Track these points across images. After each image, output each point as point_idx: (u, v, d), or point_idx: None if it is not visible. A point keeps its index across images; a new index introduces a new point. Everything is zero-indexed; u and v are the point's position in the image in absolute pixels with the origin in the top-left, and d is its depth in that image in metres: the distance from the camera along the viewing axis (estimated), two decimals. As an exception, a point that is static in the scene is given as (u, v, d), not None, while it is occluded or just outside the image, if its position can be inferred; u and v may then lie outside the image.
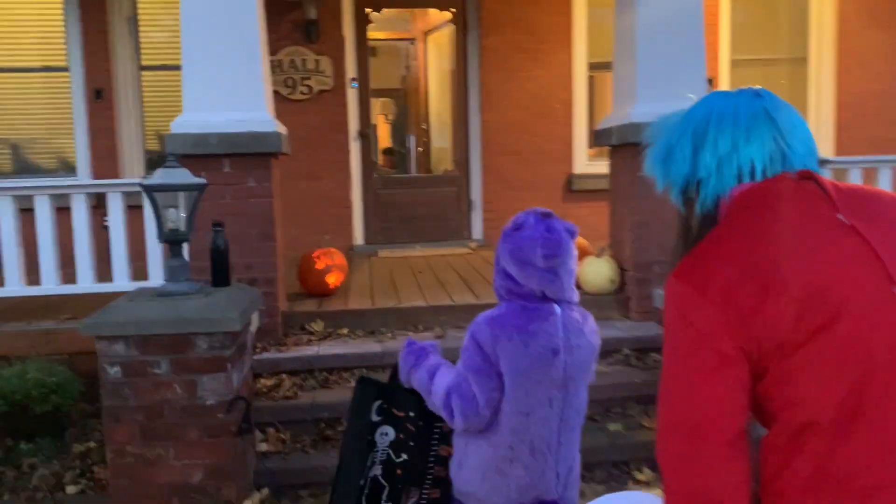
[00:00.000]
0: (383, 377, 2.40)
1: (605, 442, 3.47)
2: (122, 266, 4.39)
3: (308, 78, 6.88)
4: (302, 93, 6.91)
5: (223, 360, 2.89)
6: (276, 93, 6.53)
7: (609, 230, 4.89)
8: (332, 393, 3.75)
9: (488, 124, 7.14)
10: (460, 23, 7.23)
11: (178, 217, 2.97)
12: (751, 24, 7.60)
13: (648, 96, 4.31)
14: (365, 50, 7.22)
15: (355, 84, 7.15)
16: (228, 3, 4.02)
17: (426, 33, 8.54)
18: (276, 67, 6.77)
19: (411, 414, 2.25)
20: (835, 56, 7.47)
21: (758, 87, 1.31)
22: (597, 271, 4.56)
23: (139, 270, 4.55)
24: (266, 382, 3.80)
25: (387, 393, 2.29)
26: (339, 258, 4.93)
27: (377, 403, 2.28)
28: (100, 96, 6.82)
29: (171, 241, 2.99)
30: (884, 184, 4.79)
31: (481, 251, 6.77)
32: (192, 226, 3.01)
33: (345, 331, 4.36)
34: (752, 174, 1.23)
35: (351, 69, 7.12)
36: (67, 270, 4.52)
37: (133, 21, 6.97)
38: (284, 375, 3.88)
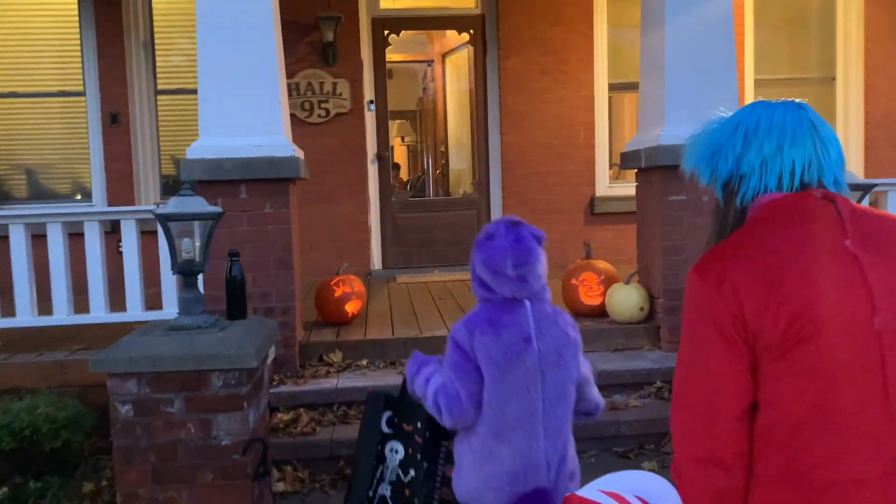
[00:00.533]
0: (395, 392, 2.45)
1: (640, 481, 3.28)
2: (136, 295, 4.27)
3: (325, 101, 6.80)
4: (319, 116, 6.83)
5: (239, 398, 2.75)
6: (292, 116, 6.45)
7: (637, 255, 4.72)
8: (352, 429, 3.59)
9: (509, 146, 7.02)
10: (479, 44, 7.13)
11: (192, 247, 2.85)
12: (775, 43, 7.45)
13: (678, 118, 4.16)
14: (383, 72, 7.14)
15: (373, 107, 7.06)
16: (246, 26, 3.93)
17: (444, 55, 8.47)
18: (293, 90, 6.70)
19: (419, 425, 2.30)
20: (862, 74, 7.30)
21: (798, 99, 1.45)
22: (625, 300, 4.39)
23: (153, 298, 4.43)
24: (283, 417, 3.65)
25: (396, 404, 2.38)
26: (357, 285, 4.79)
27: (387, 415, 2.39)
28: (116, 121, 6.77)
29: (185, 272, 2.86)
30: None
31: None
32: (206, 256, 2.88)
33: (364, 362, 4.21)
34: (792, 175, 1.39)
35: (369, 91, 7.03)
36: (80, 299, 4.40)
37: (149, 45, 6.94)
38: (302, 410, 3.73)
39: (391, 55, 7.43)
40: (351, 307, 4.70)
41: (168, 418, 2.74)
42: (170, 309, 4.12)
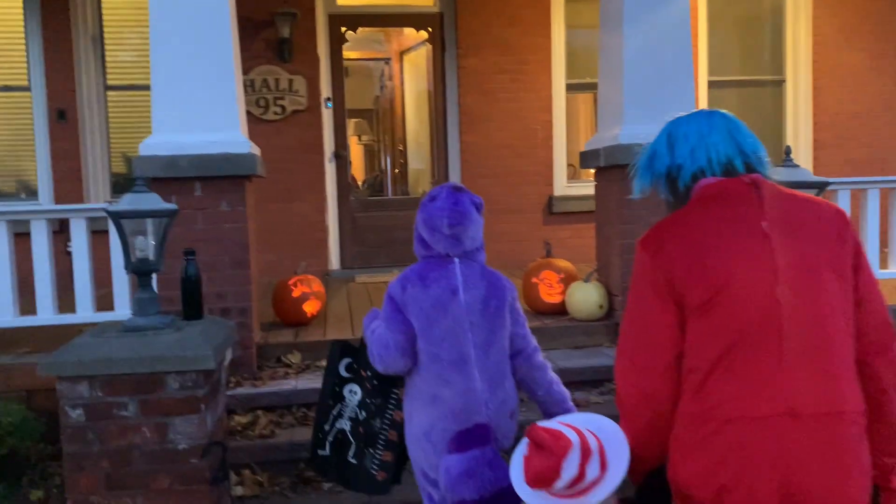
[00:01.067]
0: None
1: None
2: (86, 296, 4.13)
3: (281, 98, 6.70)
4: (275, 113, 6.72)
5: (196, 400, 2.67)
6: (248, 113, 6.33)
7: (596, 254, 4.75)
8: (311, 431, 3.52)
9: (468, 146, 7.01)
10: (437, 43, 7.11)
11: (146, 245, 2.76)
12: (729, 45, 7.60)
13: (636, 117, 4.20)
14: (340, 69, 7.06)
15: (330, 104, 6.98)
16: (200, 20, 3.83)
17: (402, 53, 8.42)
18: (248, 87, 6.58)
19: (369, 372, 2.58)
20: (811, 77, 7.49)
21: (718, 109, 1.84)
22: (585, 297, 4.41)
23: (104, 299, 4.29)
24: (241, 420, 3.57)
25: (355, 352, 2.67)
26: (316, 285, 4.72)
27: (346, 361, 2.67)
28: (63, 117, 6.56)
29: (140, 271, 2.77)
30: (873, 204, 4.74)
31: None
32: (161, 255, 2.79)
33: (323, 363, 4.07)
34: (718, 156, 1.74)
35: (326, 89, 6.95)
36: (26, 300, 4.25)
37: (98, 40, 6.74)
38: (260, 412, 3.65)
39: (348, 52, 7.36)
40: (310, 307, 4.63)
41: (122, 422, 2.64)
42: (122, 310, 4.00)
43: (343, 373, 2.67)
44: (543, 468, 1.65)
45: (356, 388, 2.65)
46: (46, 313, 4.13)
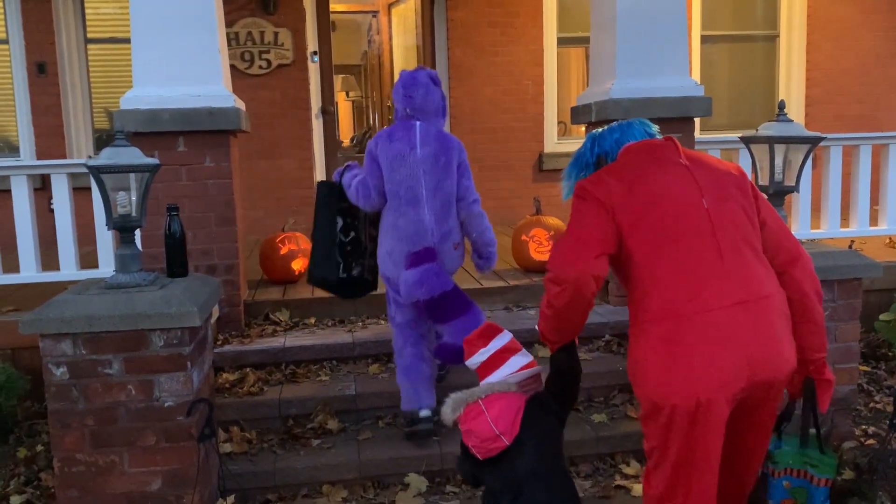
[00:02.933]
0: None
1: (590, 434, 3.31)
2: (70, 253, 4.08)
3: (267, 51, 6.56)
4: (260, 67, 6.59)
5: (182, 357, 2.63)
6: (232, 67, 6.21)
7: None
8: (301, 388, 3.52)
9: (457, 100, 6.91)
10: (426, -5, 6.95)
11: (128, 201, 2.68)
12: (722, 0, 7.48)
13: (629, 72, 4.12)
14: (326, 22, 6.91)
15: (316, 58, 6.84)
16: (181, -33, 3.70)
17: (389, 6, 8.24)
18: (232, 40, 6.43)
19: (345, 205, 3.37)
20: (804, 32, 7.39)
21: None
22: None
23: (88, 257, 4.24)
24: (229, 377, 3.55)
25: (339, 190, 3.36)
26: (304, 242, 4.67)
27: (331, 195, 3.42)
28: (43, 71, 6.41)
29: (122, 227, 2.70)
30: (864, 160, 4.70)
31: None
32: (144, 210, 2.73)
33: (312, 320, 4.12)
34: (637, 137, 2.27)
35: (312, 42, 6.81)
36: (10, 258, 4.19)
37: (77, -10, 6.54)
38: (248, 369, 3.63)
39: (335, 5, 7.19)
40: (297, 265, 4.59)
41: (106, 380, 2.61)
42: (106, 268, 3.95)
43: (330, 205, 3.40)
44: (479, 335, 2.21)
45: (338, 218, 3.40)
46: (30, 271, 4.08)
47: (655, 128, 2.30)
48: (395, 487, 3.10)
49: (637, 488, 3.06)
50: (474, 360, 2.20)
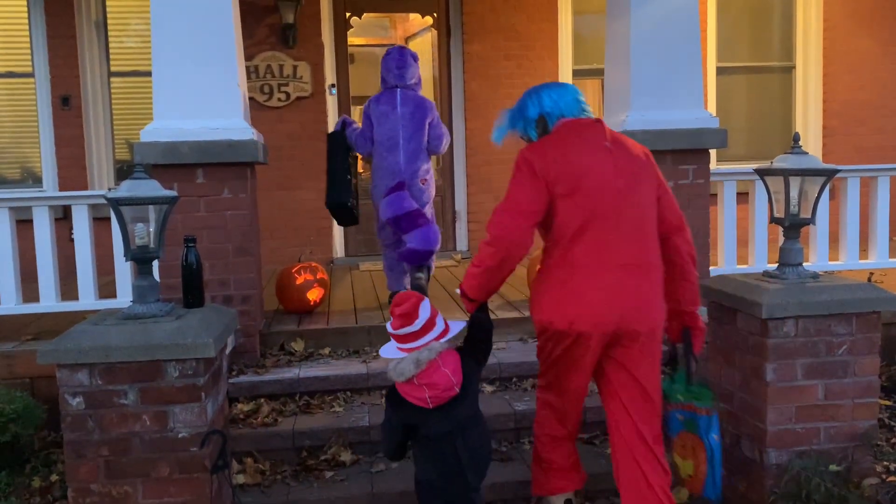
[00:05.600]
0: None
1: (605, 468, 3.25)
2: (89, 284, 4.13)
3: (286, 84, 6.66)
4: (279, 99, 6.69)
5: (197, 388, 2.64)
6: (252, 99, 6.31)
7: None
8: (315, 419, 3.52)
9: (473, 132, 6.96)
10: (442, 28, 7.04)
11: (146, 232, 2.72)
12: (737, 31, 7.51)
13: (643, 104, 4.15)
14: (345, 55, 7.02)
15: (334, 90, 6.94)
16: (201, 4, 3.79)
17: (407, 39, 8.33)
18: (252, 73, 6.55)
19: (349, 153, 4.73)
20: (821, 63, 7.39)
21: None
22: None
23: (108, 287, 4.29)
24: (243, 408, 3.55)
25: (341, 136, 4.69)
26: (320, 273, 4.69)
27: (339, 140, 4.69)
28: (67, 104, 6.55)
29: (139, 259, 2.74)
30: (882, 192, 4.67)
31: (467, 264, 6.56)
32: (161, 242, 2.76)
33: (327, 351, 4.12)
34: (571, 111, 2.67)
35: (330, 75, 6.91)
36: (30, 287, 4.24)
37: (101, 26, 6.72)
38: (263, 400, 3.64)
39: (353, 39, 7.30)
40: (313, 295, 4.61)
41: (122, 410, 2.62)
42: (124, 298, 3.99)
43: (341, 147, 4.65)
44: (407, 309, 2.40)
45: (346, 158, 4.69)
46: (49, 301, 4.13)
47: (584, 99, 2.75)
48: (408, 521, 3.07)
49: (653, 525, 3.01)
50: (408, 329, 2.42)
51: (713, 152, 4.56)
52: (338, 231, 7.04)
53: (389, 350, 2.45)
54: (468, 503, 2.52)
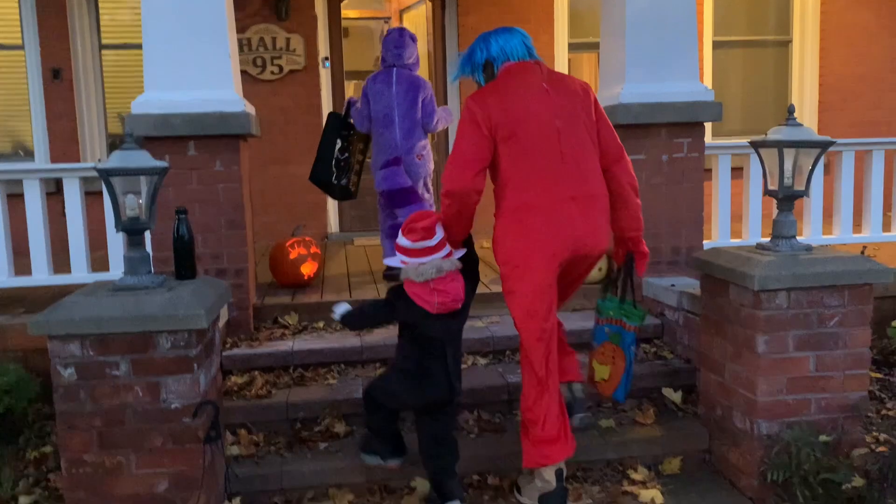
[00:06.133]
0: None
1: (598, 440, 3.29)
2: (81, 257, 4.11)
3: (279, 57, 6.60)
4: (272, 73, 6.63)
5: (189, 360, 2.64)
6: (244, 73, 6.25)
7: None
8: (309, 391, 3.52)
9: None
10: (437, 0, 6.96)
11: (137, 204, 2.70)
12: (734, 5, 7.44)
13: (638, 76, 4.11)
14: (338, 28, 6.95)
15: (328, 64, 6.87)
16: (192, -27, 3.73)
17: (401, 11, 8.24)
18: (244, 46, 6.48)
19: (345, 132, 4.88)
20: (818, 37, 7.35)
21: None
22: (584, 259, 4.36)
23: (100, 261, 4.27)
24: (237, 380, 3.56)
25: (342, 119, 4.86)
26: (313, 247, 4.68)
27: (336, 123, 4.87)
28: (58, 76, 6.48)
29: (131, 230, 2.72)
30: (877, 166, 4.66)
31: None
32: (152, 214, 2.74)
33: (321, 324, 4.12)
34: (517, 53, 2.84)
35: (323, 48, 6.85)
36: (22, 262, 4.22)
37: (92, -3, 6.62)
38: (257, 372, 3.64)
39: (347, 12, 7.23)
40: (307, 269, 4.60)
41: (114, 382, 2.62)
42: (116, 271, 3.98)
43: (335, 130, 4.84)
44: (429, 224, 2.73)
45: (338, 140, 4.82)
46: (41, 274, 4.11)
47: (531, 42, 2.90)
48: (401, 492, 3.10)
49: (644, 494, 3.04)
50: (427, 243, 2.73)
51: (708, 127, 4.54)
52: (332, 206, 7.02)
53: (394, 260, 2.81)
54: (441, 398, 2.84)
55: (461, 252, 2.82)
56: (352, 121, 4.81)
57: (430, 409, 2.86)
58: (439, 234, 2.74)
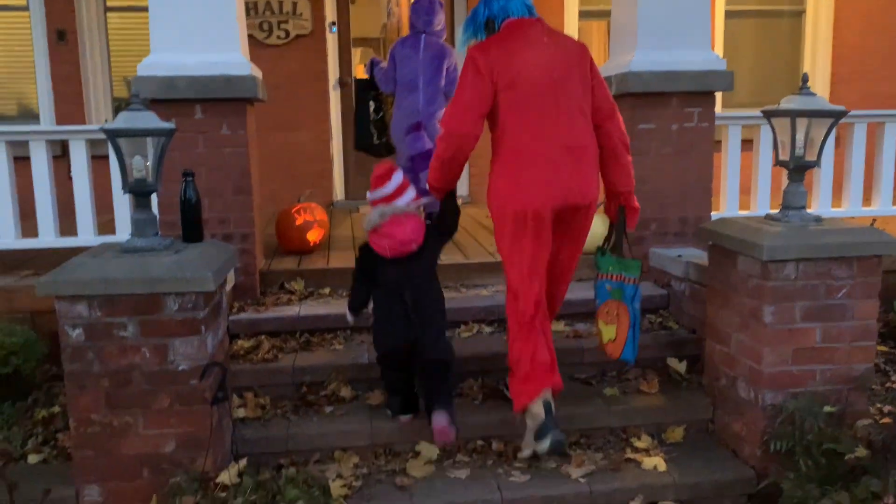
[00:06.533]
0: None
1: (601, 408, 3.31)
2: (88, 219, 4.11)
3: (285, 21, 6.53)
4: (279, 37, 6.56)
5: (196, 322, 2.65)
6: (250, 37, 6.18)
7: (603, 186, 4.65)
8: (315, 355, 3.54)
9: (475, 74, 6.83)
10: (446, -34, 6.85)
11: (144, 165, 2.69)
12: (748, -27, 7.32)
13: (650, 44, 4.05)
14: (346, -7, 6.85)
15: (335, 29, 6.80)
16: (199, -67, 3.67)
17: (410, -22, 8.14)
18: (250, 10, 6.41)
19: (378, 91, 5.11)
20: (832, 8, 7.23)
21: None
22: (590, 231, 4.33)
23: (106, 225, 4.27)
24: (244, 344, 3.58)
25: (369, 83, 5.08)
26: (319, 213, 4.68)
27: (365, 87, 5.13)
28: (62, 38, 6.42)
29: (138, 192, 2.71)
30: (889, 138, 4.62)
31: (467, 208, 6.52)
32: (159, 175, 2.73)
33: (326, 290, 4.13)
34: (518, 10, 2.94)
35: (331, 13, 6.77)
36: (29, 225, 4.22)
37: (97, -42, 6.53)
38: (263, 337, 3.66)
39: (354, -24, 7.13)
40: (313, 236, 4.60)
41: (121, 343, 2.63)
42: (123, 234, 3.99)
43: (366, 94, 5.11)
44: (382, 172, 2.99)
45: (371, 102, 5.11)
46: (48, 236, 4.12)
47: (531, 2, 2.98)
48: (406, 455, 3.12)
49: (647, 461, 3.06)
50: (382, 192, 2.96)
51: (719, 97, 4.49)
52: (338, 174, 7.00)
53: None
54: (407, 342, 2.99)
55: (426, 199, 3.10)
56: (376, 80, 5.00)
57: (422, 368, 3.02)
58: (395, 180, 2.95)
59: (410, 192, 2.99)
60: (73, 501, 2.76)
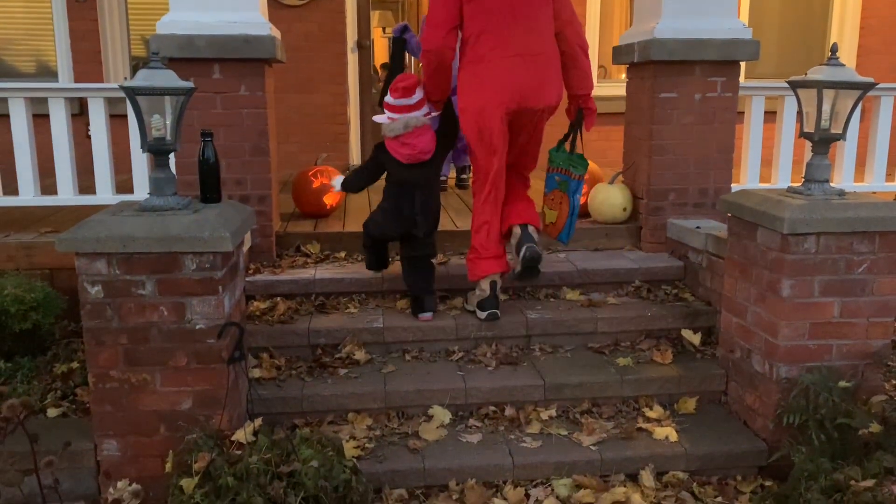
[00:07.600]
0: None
1: (614, 377, 3.31)
2: (106, 177, 4.12)
3: (304, -19, 6.44)
4: (298, -2, 6.48)
5: (214, 281, 2.66)
6: (270, -3, 6.11)
7: (623, 155, 4.62)
8: (329, 318, 3.56)
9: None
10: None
11: (163, 124, 2.68)
12: (777, -61, 7.14)
13: (675, 11, 3.98)
14: (365, -47, 6.75)
15: (354, -10, 6.71)
16: None
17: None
18: (270, -31, 6.32)
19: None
20: (863, -23, 7.05)
21: None
22: (608, 200, 4.31)
23: (125, 184, 4.28)
24: (260, 305, 3.60)
25: (401, 41, 4.34)
26: (336, 176, 4.65)
27: (399, 45, 4.37)
28: (81, -5, 6.38)
29: (156, 151, 2.71)
30: (916, 114, 4.53)
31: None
32: (178, 135, 2.72)
33: (342, 254, 4.14)
34: None
35: (350, -26, 6.67)
36: (48, 183, 4.24)
37: (115, -87, 6.46)
38: (279, 299, 3.68)
39: (375, -64, 7.02)
40: (329, 199, 4.59)
41: (140, 301, 2.66)
42: (141, 193, 4.00)
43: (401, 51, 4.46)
44: (409, 83, 3.32)
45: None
46: (67, 193, 4.13)
47: None
48: (418, 418, 3.15)
49: (659, 431, 3.07)
50: (407, 101, 3.30)
51: (742, 66, 4.40)
52: (355, 137, 6.97)
53: (381, 118, 3.38)
54: (409, 231, 3.46)
55: (437, 113, 3.42)
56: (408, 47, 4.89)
57: (406, 238, 3.50)
58: (418, 94, 3.30)
59: (427, 107, 3.36)
60: (92, 454, 2.81)
